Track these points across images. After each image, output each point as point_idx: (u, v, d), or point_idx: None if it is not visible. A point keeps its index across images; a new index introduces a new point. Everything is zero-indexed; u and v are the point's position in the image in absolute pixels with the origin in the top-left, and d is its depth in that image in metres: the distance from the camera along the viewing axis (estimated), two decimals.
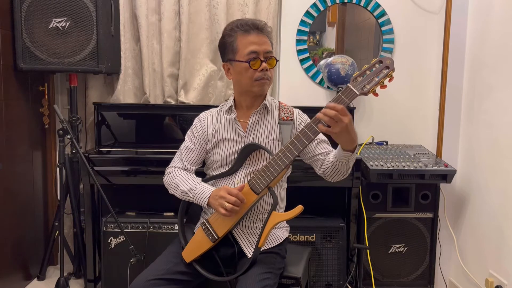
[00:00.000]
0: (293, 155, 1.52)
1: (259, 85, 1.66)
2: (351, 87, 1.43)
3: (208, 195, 1.62)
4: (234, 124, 1.73)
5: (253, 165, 1.69)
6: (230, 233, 1.66)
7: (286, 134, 1.69)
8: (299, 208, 1.51)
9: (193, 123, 1.81)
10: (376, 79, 1.43)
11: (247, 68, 1.64)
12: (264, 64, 1.63)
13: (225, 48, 1.70)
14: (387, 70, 1.43)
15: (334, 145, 1.63)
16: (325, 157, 1.67)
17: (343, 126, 1.41)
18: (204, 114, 1.81)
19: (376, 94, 1.45)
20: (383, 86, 1.44)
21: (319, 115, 1.44)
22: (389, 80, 1.44)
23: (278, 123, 1.72)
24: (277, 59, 1.69)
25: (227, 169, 1.71)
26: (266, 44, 1.65)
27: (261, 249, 1.64)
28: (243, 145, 1.69)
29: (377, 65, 1.44)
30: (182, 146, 1.81)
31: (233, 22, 1.69)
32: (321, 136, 1.68)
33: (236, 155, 1.70)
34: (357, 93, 1.43)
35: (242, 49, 1.64)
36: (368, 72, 1.44)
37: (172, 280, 1.59)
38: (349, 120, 1.42)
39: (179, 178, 1.72)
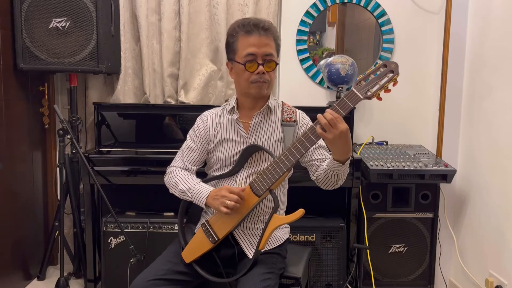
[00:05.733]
0: (295, 158, 1.50)
1: (256, 87, 1.64)
2: (355, 91, 1.42)
3: (206, 195, 1.61)
4: (236, 124, 1.72)
5: (254, 166, 1.69)
6: (230, 234, 1.66)
7: (289, 135, 1.67)
8: (300, 212, 1.51)
9: (195, 123, 1.79)
10: (380, 83, 1.41)
11: (244, 70, 1.63)
12: (260, 68, 1.61)
13: (228, 48, 1.70)
14: (392, 74, 1.41)
15: None
16: (321, 163, 1.67)
17: (337, 133, 1.41)
18: (207, 114, 1.80)
19: (380, 98, 1.44)
20: (387, 90, 1.43)
21: (318, 115, 1.44)
22: (393, 85, 1.42)
23: (281, 124, 1.70)
24: (277, 62, 1.66)
25: (228, 169, 1.71)
26: (266, 47, 1.62)
27: (262, 250, 1.64)
28: (245, 146, 1.69)
29: (381, 69, 1.43)
30: (184, 145, 1.80)
31: (237, 22, 1.67)
32: (321, 141, 1.66)
33: (237, 156, 1.69)
34: (361, 97, 1.41)
35: (241, 51, 1.63)
36: (372, 76, 1.43)
37: (172, 280, 1.59)
38: (344, 129, 1.41)
39: (179, 178, 1.72)
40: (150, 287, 1.54)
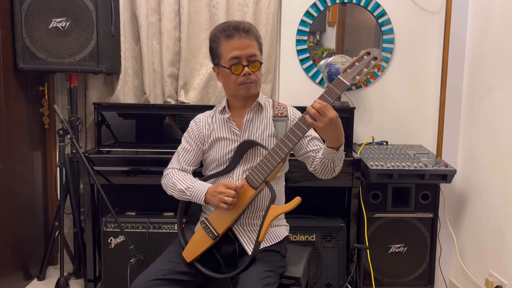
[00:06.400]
0: (288, 148, 1.53)
1: (244, 88, 1.67)
2: (342, 78, 1.48)
3: (205, 192, 1.63)
4: (229, 123, 1.75)
5: (250, 162, 1.70)
6: (230, 230, 1.67)
7: (281, 130, 1.70)
8: (297, 200, 1.53)
9: (189, 126, 1.83)
10: (366, 70, 1.48)
11: (230, 74, 1.66)
12: (246, 69, 1.64)
13: (212, 53, 1.73)
14: (375, 60, 1.47)
15: None
16: (316, 154, 1.69)
17: (326, 121, 1.44)
18: (199, 116, 1.84)
19: (366, 85, 1.51)
20: (372, 76, 1.48)
21: (308, 107, 1.48)
22: (378, 70, 1.51)
23: (273, 119, 1.74)
24: (261, 61, 1.69)
25: (224, 167, 1.72)
26: (249, 48, 1.65)
27: (261, 247, 1.65)
28: (238, 143, 1.70)
29: (365, 57, 1.49)
30: (179, 148, 1.83)
31: (217, 27, 1.70)
32: (314, 133, 1.70)
33: (232, 154, 1.71)
34: (348, 84, 1.47)
35: (225, 55, 1.66)
36: (357, 63, 1.49)
37: (173, 280, 1.59)
38: (333, 116, 1.45)
39: (177, 178, 1.73)
40: (151, 287, 1.54)
